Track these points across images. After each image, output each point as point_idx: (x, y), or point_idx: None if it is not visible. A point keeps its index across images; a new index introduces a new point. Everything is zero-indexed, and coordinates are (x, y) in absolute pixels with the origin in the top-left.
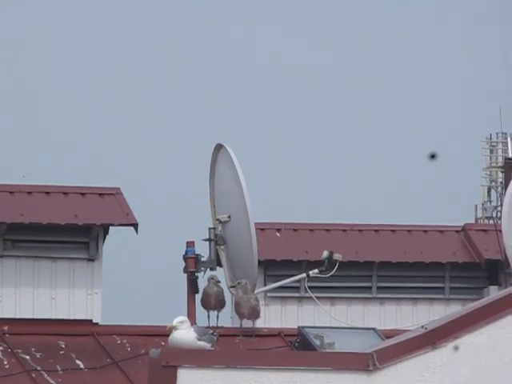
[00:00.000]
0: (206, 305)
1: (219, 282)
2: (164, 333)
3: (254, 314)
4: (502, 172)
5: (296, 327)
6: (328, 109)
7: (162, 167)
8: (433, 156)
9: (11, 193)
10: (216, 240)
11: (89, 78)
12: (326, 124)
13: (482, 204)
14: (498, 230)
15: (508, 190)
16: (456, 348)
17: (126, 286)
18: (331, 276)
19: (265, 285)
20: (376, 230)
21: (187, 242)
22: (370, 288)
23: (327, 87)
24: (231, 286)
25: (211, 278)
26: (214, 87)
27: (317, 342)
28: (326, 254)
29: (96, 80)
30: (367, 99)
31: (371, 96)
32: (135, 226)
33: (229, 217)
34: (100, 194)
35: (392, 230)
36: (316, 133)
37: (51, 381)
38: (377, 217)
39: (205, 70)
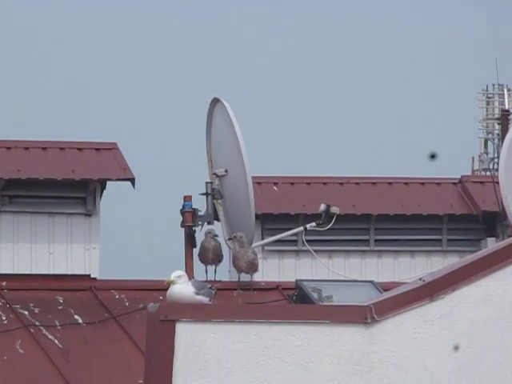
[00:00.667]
0: (204, 259)
1: (217, 235)
2: (162, 287)
3: (252, 267)
4: (498, 124)
5: (294, 281)
6: (325, 60)
7: (159, 122)
8: (433, 156)
9: (8, 148)
10: (213, 194)
11: (86, 32)
12: (321, 76)
13: (479, 156)
14: (495, 182)
15: (505, 141)
16: (456, 348)
17: (124, 241)
18: (329, 229)
19: (262, 238)
20: (373, 183)
21: (184, 197)
22: (368, 241)
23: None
24: (228, 239)
25: (208, 232)
26: (210, 41)
27: (315, 296)
28: (323, 207)
29: (93, 34)
30: (363, 48)
31: (368, 46)
32: (132, 180)
33: (226, 171)
34: (97, 149)
35: (389, 183)
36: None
37: (50, 336)
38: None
39: (202, 24)
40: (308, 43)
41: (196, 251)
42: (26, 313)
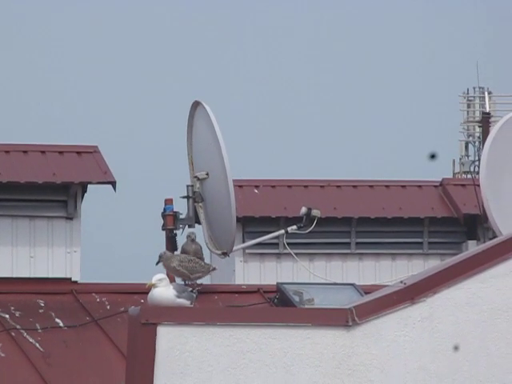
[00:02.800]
0: None
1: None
2: (143, 290)
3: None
4: (479, 127)
5: (275, 283)
6: (304, 62)
7: (140, 125)
8: (433, 156)
9: None
10: (194, 197)
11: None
12: (302, 80)
13: (460, 159)
14: (475, 185)
15: (485, 144)
16: (456, 348)
17: (105, 244)
18: (310, 232)
19: (243, 241)
20: (354, 186)
21: (165, 200)
22: (349, 244)
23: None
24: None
25: (188, 236)
26: (192, 44)
27: (296, 298)
28: (304, 210)
29: (75, 36)
30: (347, 54)
31: (351, 50)
32: (113, 183)
33: (207, 174)
34: (78, 153)
35: (370, 186)
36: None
37: (31, 339)
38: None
39: (183, 27)
40: (290, 44)
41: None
42: (7, 316)
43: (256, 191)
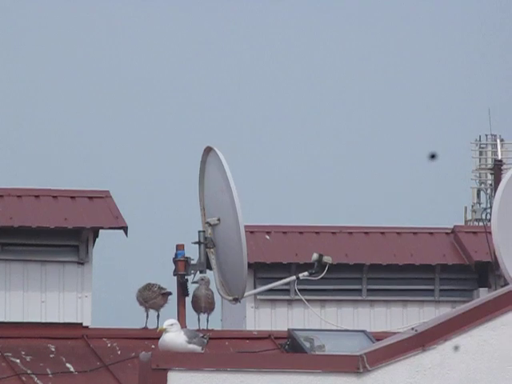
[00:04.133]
0: (196, 307)
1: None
2: (154, 336)
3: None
4: (491, 174)
5: (286, 330)
6: (317, 110)
7: (152, 170)
8: (433, 156)
9: (0, 196)
10: (206, 243)
11: (78, 80)
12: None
13: (472, 206)
14: (487, 232)
15: (497, 191)
16: (456, 348)
17: (117, 289)
18: (321, 278)
19: (255, 287)
20: (366, 233)
21: (177, 245)
22: (360, 290)
23: (316, 87)
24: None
25: (201, 280)
26: (205, 90)
27: (307, 345)
28: (315, 256)
29: (86, 82)
30: (356, 102)
31: (360, 98)
32: (125, 228)
33: (218, 219)
34: (89, 198)
35: (381, 233)
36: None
37: None
38: (366, 219)
39: (196, 73)
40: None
41: (189, 300)
42: (18, 361)
43: (267, 237)
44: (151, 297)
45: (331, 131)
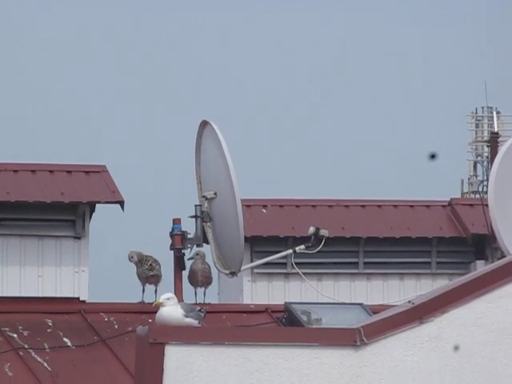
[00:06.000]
0: (193, 281)
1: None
2: (151, 310)
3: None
4: (487, 146)
5: (283, 303)
6: (313, 82)
7: (148, 144)
8: (433, 156)
9: None
10: (202, 217)
11: (75, 54)
12: (310, 98)
13: (468, 179)
14: (484, 205)
15: (494, 164)
16: (456, 348)
17: (113, 264)
18: (318, 252)
19: (251, 261)
20: (362, 206)
21: (173, 219)
22: (357, 263)
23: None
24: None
25: (197, 254)
26: (199, 62)
27: (304, 318)
28: (312, 229)
29: (82, 56)
30: (354, 73)
31: (357, 71)
32: (121, 203)
33: (215, 193)
34: (86, 172)
35: (378, 206)
36: (300, 107)
37: (39, 359)
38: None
39: (191, 46)
40: (298, 60)
41: (185, 273)
42: (15, 336)
43: (264, 211)
44: (142, 275)
45: (328, 98)
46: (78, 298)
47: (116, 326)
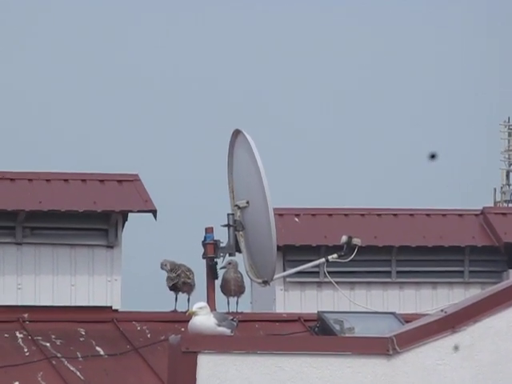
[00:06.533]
0: (226, 291)
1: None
2: (184, 319)
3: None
4: None
5: (315, 312)
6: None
7: (181, 153)
8: (433, 156)
9: (30, 180)
10: (235, 226)
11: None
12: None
13: (501, 187)
14: None
15: None
16: (456, 348)
17: (146, 273)
18: (350, 261)
19: (284, 270)
20: (395, 215)
21: (206, 228)
22: (390, 272)
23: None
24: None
25: (229, 263)
26: (232, 72)
27: (336, 327)
28: (344, 238)
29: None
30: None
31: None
32: (154, 212)
33: (247, 202)
34: (118, 181)
35: (411, 214)
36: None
37: (71, 368)
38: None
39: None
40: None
41: (218, 283)
42: (48, 344)
43: (296, 220)
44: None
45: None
46: (111, 307)
47: (148, 335)
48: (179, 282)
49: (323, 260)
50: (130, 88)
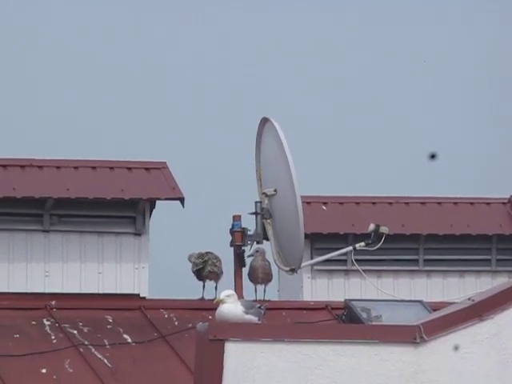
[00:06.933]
0: (253, 278)
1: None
2: (211, 307)
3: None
4: None
5: (343, 300)
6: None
7: (208, 141)
8: (433, 156)
9: (57, 168)
10: (262, 214)
11: (133, 55)
12: (369, 95)
13: None
14: None
15: None
16: (456, 348)
17: (173, 260)
18: (378, 249)
19: (311, 258)
20: (422, 203)
21: (233, 216)
22: (417, 261)
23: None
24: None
25: (256, 251)
26: (260, 60)
27: (364, 315)
28: (372, 226)
29: (140, 55)
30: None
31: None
32: (181, 199)
33: (275, 190)
34: (146, 169)
35: (438, 203)
36: (360, 104)
37: (99, 355)
38: (423, 189)
39: (250, 44)
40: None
41: (245, 270)
42: (76, 332)
43: (324, 208)
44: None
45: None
46: (138, 295)
47: (176, 323)
48: (205, 270)
49: (351, 248)
50: (158, 77)
